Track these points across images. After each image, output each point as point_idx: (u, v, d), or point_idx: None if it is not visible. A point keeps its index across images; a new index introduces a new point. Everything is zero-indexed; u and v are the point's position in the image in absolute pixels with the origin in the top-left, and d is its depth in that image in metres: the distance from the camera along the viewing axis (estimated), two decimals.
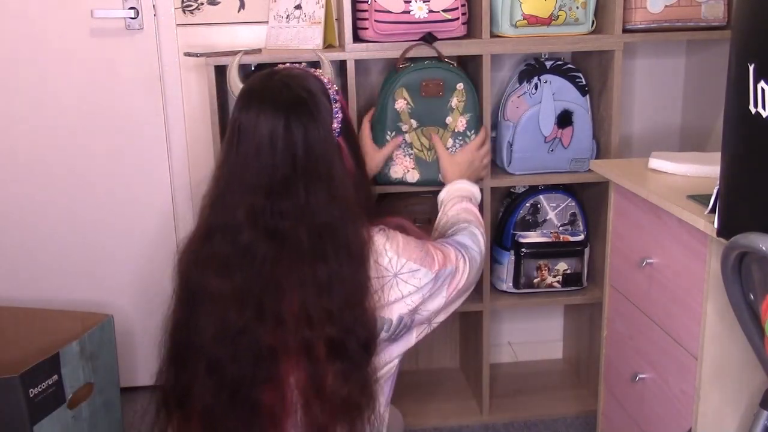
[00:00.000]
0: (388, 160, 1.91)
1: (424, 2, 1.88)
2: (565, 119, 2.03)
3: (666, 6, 1.97)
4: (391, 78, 1.91)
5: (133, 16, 2.13)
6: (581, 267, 2.13)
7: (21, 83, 2.16)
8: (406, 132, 1.90)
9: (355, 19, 1.94)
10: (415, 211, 2.09)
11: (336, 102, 1.35)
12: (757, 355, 1.25)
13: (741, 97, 1.11)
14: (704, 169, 1.58)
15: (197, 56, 1.96)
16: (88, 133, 2.21)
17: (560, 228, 2.14)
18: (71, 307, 2.18)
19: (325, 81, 1.36)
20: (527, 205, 2.12)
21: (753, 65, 1.08)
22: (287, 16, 2.07)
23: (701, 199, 1.39)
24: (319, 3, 2.00)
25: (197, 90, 2.21)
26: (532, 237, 2.11)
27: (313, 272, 1.25)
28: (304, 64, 1.49)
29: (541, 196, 2.12)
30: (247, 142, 1.28)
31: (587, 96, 2.07)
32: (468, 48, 1.95)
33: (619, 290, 1.76)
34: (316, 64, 1.60)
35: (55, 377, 1.78)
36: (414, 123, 1.90)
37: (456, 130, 1.91)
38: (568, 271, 2.13)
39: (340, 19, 1.99)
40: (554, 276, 2.13)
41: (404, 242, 1.36)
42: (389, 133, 1.89)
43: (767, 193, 1.10)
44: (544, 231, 2.13)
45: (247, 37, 2.19)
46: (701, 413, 1.43)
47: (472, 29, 2.00)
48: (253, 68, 1.99)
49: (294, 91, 1.31)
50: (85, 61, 2.16)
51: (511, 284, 2.13)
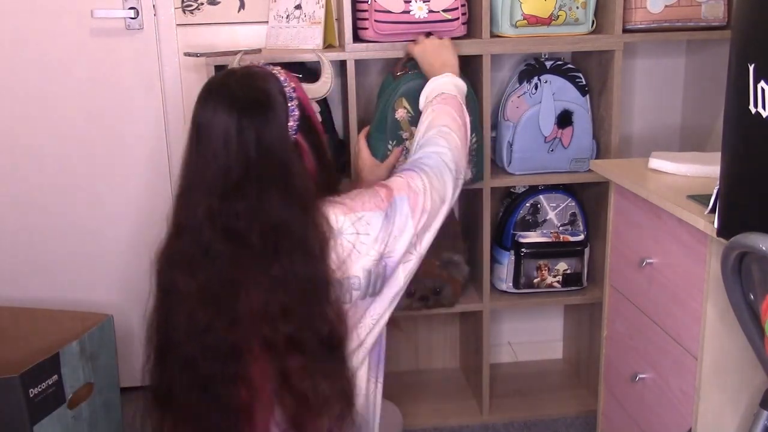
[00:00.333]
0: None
1: (424, 2, 1.88)
2: (565, 119, 2.03)
3: (666, 6, 1.97)
4: (390, 87, 1.89)
5: (133, 16, 2.13)
6: (581, 267, 2.13)
7: (21, 83, 2.16)
8: (407, 140, 1.89)
9: (355, 19, 1.93)
10: None
11: (293, 100, 1.34)
12: (757, 355, 1.25)
13: (741, 97, 1.11)
14: (704, 169, 1.58)
15: (197, 56, 1.96)
16: (88, 133, 2.21)
17: (560, 228, 2.14)
18: (71, 307, 2.17)
19: (282, 79, 1.36)
20: (527, 205, 2.12)
21: (753, 65, 1.08)
22: (287, 16, 2.06)
23: (701, 199, 1.39)
24: (319, 3, 2.00)
25: (197, 90, 2.19)
26: (532, 237, 2.11)
27: (268, 271, 1.26)
28: (262, 62, 1.50)
29: (541, 196, 2.12)
30: (206, 141, 1.29)
31: (587, 96, 2.07)
32: (468, 48, 1.95)
33: (619, 290, 1.76)
34: (316, 64, 1.60)
35: (55, 377, 1.78)
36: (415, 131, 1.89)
37: None
38: (568, 271, 2.12)
39: (340, 19, 1.99)
40: (554, 276, 2.13)
41: (350, 200, 1.35)
42: (390, 142, 1.86)
43: (767, 193, 1.10)
44: (544, 231, 2.13)
45: (247, 37, 2.19)
46: (701, 413, 1.43)
47: (472, 29, 2.00)
48: None
49: (248, 91, 1.32)
50: (85, 61, 2.16)
51: (511, 284, 2.13)
